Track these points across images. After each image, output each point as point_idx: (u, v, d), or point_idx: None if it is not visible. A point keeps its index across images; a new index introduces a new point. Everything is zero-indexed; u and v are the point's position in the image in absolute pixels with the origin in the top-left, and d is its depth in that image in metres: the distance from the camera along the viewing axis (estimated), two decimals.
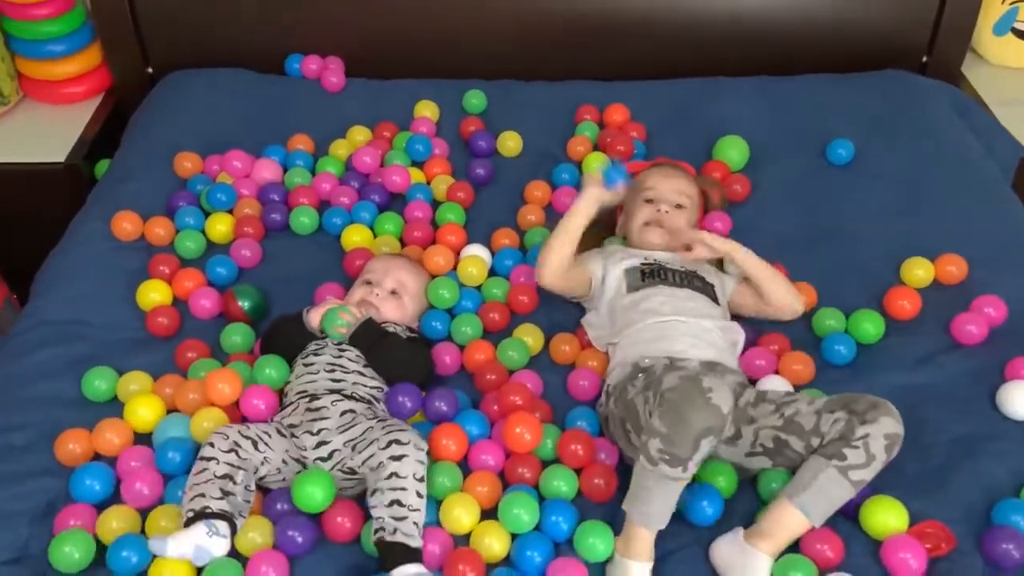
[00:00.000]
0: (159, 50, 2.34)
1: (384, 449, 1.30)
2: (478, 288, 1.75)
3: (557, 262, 1.62)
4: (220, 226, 1.86)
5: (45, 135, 2.27)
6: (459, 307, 1.71)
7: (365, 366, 1.52)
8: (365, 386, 1.49)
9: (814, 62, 2.28)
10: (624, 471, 1.38)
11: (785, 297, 1.64)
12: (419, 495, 1.29)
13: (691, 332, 1.53)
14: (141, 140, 2.13)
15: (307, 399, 1.44)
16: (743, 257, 1.64)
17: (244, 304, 1.68)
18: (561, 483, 1.38)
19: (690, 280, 1.64)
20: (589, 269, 1.66)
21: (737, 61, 2.28)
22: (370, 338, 1.53)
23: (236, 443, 1.31)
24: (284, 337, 1.57)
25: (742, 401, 1.40)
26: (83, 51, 2.35)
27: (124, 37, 2.30)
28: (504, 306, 1.71)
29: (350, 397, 1.45)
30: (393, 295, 1.63)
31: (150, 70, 2.36)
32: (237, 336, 1.64)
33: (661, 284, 1.61)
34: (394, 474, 1.28)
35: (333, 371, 1.49)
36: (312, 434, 1.38)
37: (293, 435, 1.40)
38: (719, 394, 1.22)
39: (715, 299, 1.64)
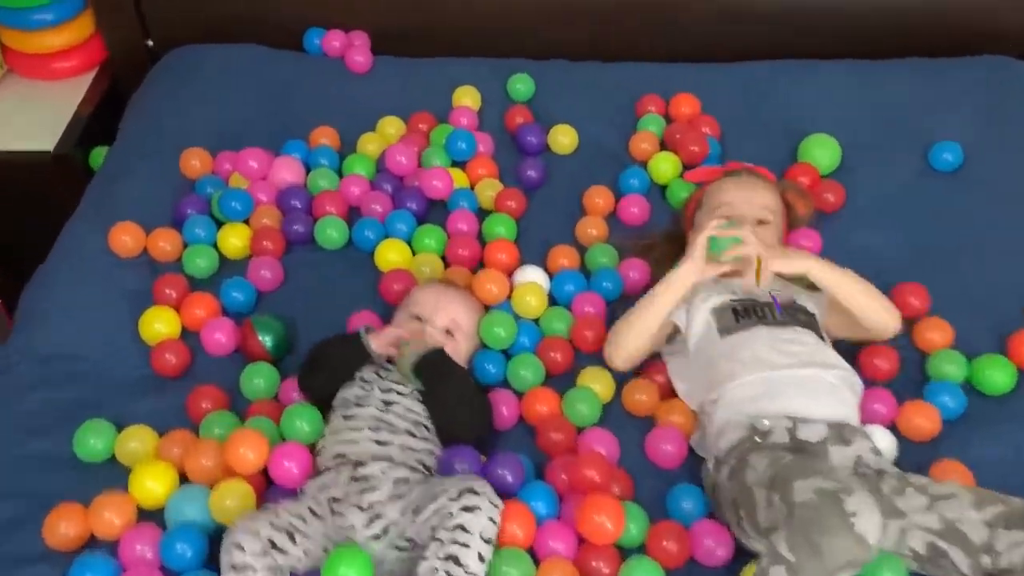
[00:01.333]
0: (160, 19, 2.06)
1: (455, 499, 1.10)
2: (535, 321, 1.51)
3: (635, 347, 1.39)
4: (235, 239, 1.61)
5: (32, 117, 2.01)
6: (516, 345, 1.46)
7: (416, 424, 1.28)
8: (414, 450, 1.25)
9: (905, 44, 1.99)
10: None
11: (880, 314, 1.40)
12: (481, 559, 1.09)
13: (808, 384, 1.29)
14: (141, 129, 1.86)
15: (350, 466, 1.21)
16: (821, 272, 1.38)
17: (266, 340, 1.44)
18: None
19: (792, 314, 1.39)
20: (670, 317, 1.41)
21: (818, 41, 1.99)
22: (439, 370, 1.30)
23: (271, 541, 1.09)
24: (336, 360, 1.34)
25: (886, 488, 1.16)
26: (74, 20, 2.07)
27: (120, 3, 2.01)
28: (567, 343, 1.47)
29: (400, 465, 1.22)
30: (447, 334, 1.39)
31: (150, 43, 2.09)
32: (259, 379, 1.40)
33: (760, 324, 1.37)
34: (461, 526, 1.08)
35: (378, 430, 1.25)
36: (361, 509, 1.16)
37: (335, 511, 1.17)
38: (866, 518, 0.97)
39: (821, 334, 1.40)
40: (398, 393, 1.31)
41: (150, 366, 1.44)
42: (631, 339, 1.38)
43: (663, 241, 1.64)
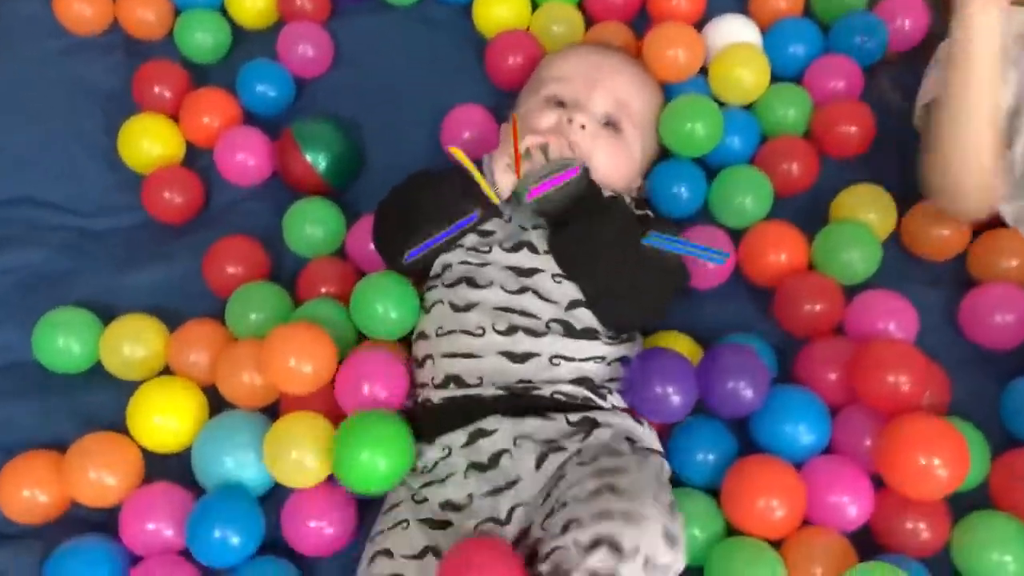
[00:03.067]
0: None
1: (587, 552, 0.57)
2: (749, 109, 0.92)
3: (981, 159, 0.75)
4: None
5: None
6: (721, 150, 0.89)
7: (573, 305, 0.75)
8: (573, 360, 0.73)
9: None
10: None
11: None
12: None
13: None
14: None
15: (469, 431, 0.70)
16: None
17: (317, 160, 0.89)
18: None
19: None
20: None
21: None
22: (580, 208, 0.75)
23: None
24: (435, 213, 0.77)
25: None
26: None
27: None
28: (807, 144, 0.89)
29: (551, 406, 0.71)
30: (608, 129, 0.83)
31: None
32: (313, 225, 0.87)
33: None
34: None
35: (513, 331, 0.73)
36: (499, 522, 0.67)
37: (450, 522, 0.69)
38: None
39: None
40: (536, 251, 0.77)
41: (142, 208, 0.92)
42: (967, 144, 0.75)
43: None
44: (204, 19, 1.00)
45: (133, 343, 0.81)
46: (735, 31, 0.94)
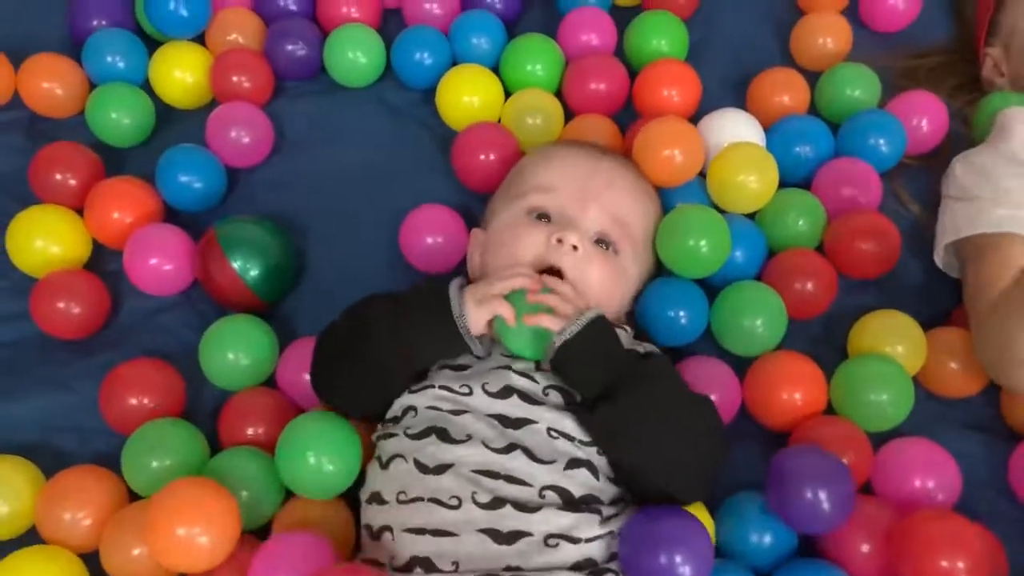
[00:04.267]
0: None
1: None
2: (752, 218, 0.81)
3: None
4: (182, 72, 0.89)
5: None
6: (725, 270, 0.76)
7: (569, 465, 0.60)
8: (575, 540, 0.58)
9: None
10: None
11: None
12: None
13: None
14: None
15: None
16: None
17: (247, 269, 0.75)
18: None
19: None
20: None
21: None
22: (613, 367, 0.62)
23: None
24: (392, 350, 0.63)
25: None
26: None
27: None
28: (821, 260, 0.77)
29: None
30: (600, 247, 0.69)
31: None
32: (235, 350, 0.72)
33: None
34: None
35: (498, 504, 0.58)
36: None
37: None
38: None
39: None
40: (529, 399, 0.62)
41: (31, 319, 0.77)
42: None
43: (957, 58, 0.92)
44: (122, 96, 0.86)
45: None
46: (735, 128, 0.82)
